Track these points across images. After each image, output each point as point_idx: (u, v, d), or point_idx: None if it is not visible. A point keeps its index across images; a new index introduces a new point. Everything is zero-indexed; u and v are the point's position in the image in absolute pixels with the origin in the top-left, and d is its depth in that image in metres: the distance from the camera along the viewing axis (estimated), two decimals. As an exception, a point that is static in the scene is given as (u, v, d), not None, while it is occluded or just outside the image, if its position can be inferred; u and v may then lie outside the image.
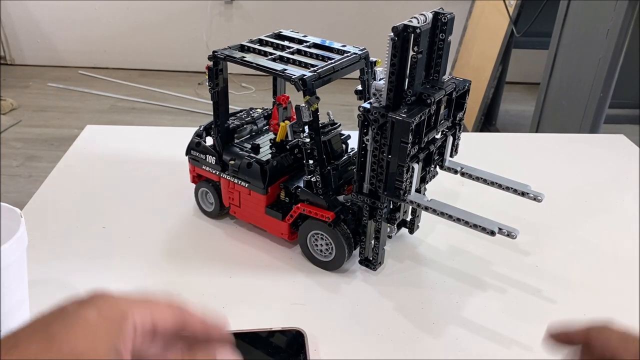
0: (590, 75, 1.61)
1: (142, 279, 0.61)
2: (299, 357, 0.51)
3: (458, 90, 0.57)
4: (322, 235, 0.61)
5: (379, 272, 0.63)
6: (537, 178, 0.84)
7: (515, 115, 2.83)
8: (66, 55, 3.16)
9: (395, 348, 0.53)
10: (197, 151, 0.69)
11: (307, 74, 0.57)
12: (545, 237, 0.71)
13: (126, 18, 3.06)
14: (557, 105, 1.83)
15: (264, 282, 0.62)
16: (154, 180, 0.80)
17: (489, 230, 0.51)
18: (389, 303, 0.59)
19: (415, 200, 0.56)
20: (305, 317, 0.56)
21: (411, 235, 0.70)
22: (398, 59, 0.51)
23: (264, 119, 0.74)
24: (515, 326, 0.56)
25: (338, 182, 0.62)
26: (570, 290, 0.62)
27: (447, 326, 0.56)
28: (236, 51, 0.63)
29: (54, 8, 3.02)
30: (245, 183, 0.65)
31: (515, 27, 2.11)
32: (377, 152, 0.54)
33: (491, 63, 2.29)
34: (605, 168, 0.89)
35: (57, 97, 2.85)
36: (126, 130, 0.97)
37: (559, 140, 1.00)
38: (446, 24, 0.52)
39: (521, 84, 3.13)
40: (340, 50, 0.64)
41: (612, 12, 1.51)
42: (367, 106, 0.53)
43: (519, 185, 0.59)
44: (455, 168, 0.62)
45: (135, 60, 3.17)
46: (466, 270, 0.65)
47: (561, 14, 1.75)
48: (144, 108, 2.78)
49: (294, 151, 0.66)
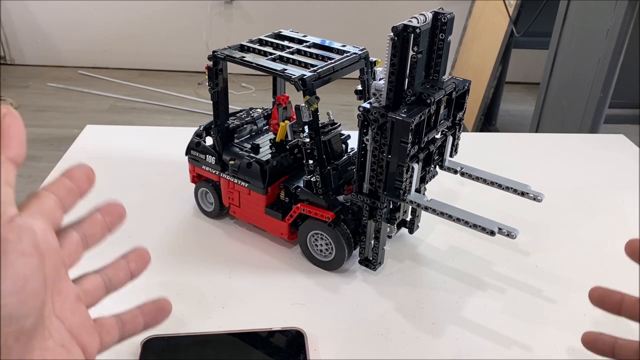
0: (590, 75, 1.61)
1: (142, 279, 0.61)
2: (299, 357, 0.51)
3: (458, 90, 0.57)
4: (322, 235, 0.61)
5: (379, 272, 0.63)
6: (537, 178, 0.84)
7: (515, 115, 2.83)
8: (66, 55, 3.16)
9: (395, 348, 0.53)
10: (197, 151, 0.69)
11: (307, 74, 0.57)
12: (545, 237, 0.71)
13: (126, 18, 3.07)
14: (557, 105, 1.83)
15: (264, 282, 0.62)
16: (153, 180, 0.80)
17: (489, 230, 0.51)
18: (389, 303, 0.59)
19: (415, 200, 0.56)
20: (305, 317, 0.56)
21: (411, 235, 0.70)
22: (398, 59, 0.51)
23: (263, 119, 0.74)
24: (515, 326, 0.57)
25: (338, 182, 0.62)
26: (570, 290, 0.62)
27: (447, 326, 0.56)
28: (236, 51, 0.63)
29: (54, 8, 3.02)
30: (245, 183, 0.65)
31: (515, 27, 2.11)
32: (377, 152, 0.54)
33: (491, 63, 2.29)
34: (605, 168, 0.89)
35: (57, 97, 2.85)
36: (126, 130, 0.97)
37: (559, 140, 1.00)
38: (446, 24, 0.52)
39: (521, 84, 3.13)
40: (340, 50, 0.64)
41: (612, 12, 1.51)
42: (367, 106, 0.53)
43: (518, 185, 0.59)
44: (455, 168, 0.62)
45: (135, 60, 3.18)
46: (466, 270, 0.65)
47: (561, 14, 1.75)
48: (143, 108, 2.78)
49: (293, 151, 0.66)
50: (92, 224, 0.35)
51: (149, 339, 0.51)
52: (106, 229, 0.35)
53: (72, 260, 0.32)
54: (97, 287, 0.35)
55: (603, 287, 0.42)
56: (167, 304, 0.39)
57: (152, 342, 0.51)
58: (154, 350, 0.50)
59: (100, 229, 0.35)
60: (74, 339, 0.31)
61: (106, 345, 0.35)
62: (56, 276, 0.30)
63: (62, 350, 0.30)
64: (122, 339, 0.36)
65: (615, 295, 0.42)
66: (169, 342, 0.51)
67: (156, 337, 0.51)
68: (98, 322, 0.34)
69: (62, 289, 0.31)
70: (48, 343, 0.29)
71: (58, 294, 0.30)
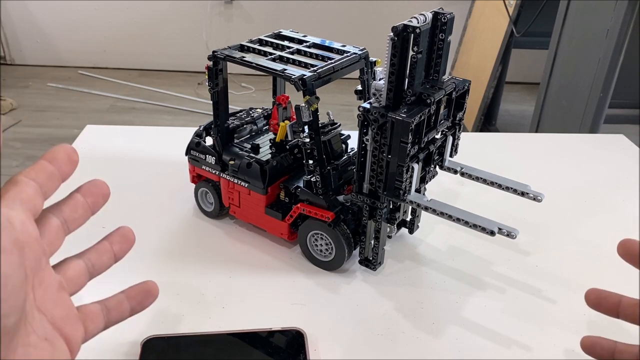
0: (590, 75, 1.61)
1: (142, 279, 0.61)
2: (298, 357, 0.51)
3: (458, 90, 0.57)
4: (322, 235, 0.61)
5: (378, 272, 0.63)
6: (537, 178, 0.84)
7: (515, 115, 2.83)
8: (66, 55, 3.16)
9: (395, 348, 0.53)
10: (196, 151, 0.69)
11: (307, 74, 0.57)
12: (545, 237, 0.71)
13: (126, 18, 3.07)
14: (557, 105, 1.83)
15: (264, 282, 0.62)
16: (153, 180, 0.80)
17: (489, 230, 0.51)
18: (389, 303, 0.59)
19: (415, 200, 0.56)
20: (305, 317, 0.56)
21: (411, 235, 0.70)
22: (398, 59, 0.51)
23: (263, 119, 0.74)
24: (515, 326, 0.57)
25: (338, 182, 0.62)
26: (570, 290, 0.62)
27: (447, 326, 0.56)
28: (236, 51, 0.63)
29: (54, 8, 3.02)
30: (245, 183, 0.65)
31: (515, 27, 2.11)
32: (377, 152, 0.54)
33: (491, 63, 2.29)
34: (605, 168, 0.89)
35: (57, 97, 2.85)
36: (126, 130, 0.97)
37: (559, 140, 1.00)
38: (446, 24, 0.52)
39: (521, 84, 3.13)
40: (340, 50, 0.64)
41: (612, 12, 1.51)
42: (366, 106, 0.53)
43: (518, 185, 0.59)
44: (455, 168, 0.62)
45: (135, 60, 3.18)
46: (466, 270, 0.65)
47: (561, 14, 1.75)
48: (143, 108, 2.78)
49: (293, 151, 0.66)
50: (73, 207, 0.33)
51: (149, 339, 0.51)
52: (88, 210, 0.33)
53: (52, 248, 0.31)
54: (80, 274, 0.33)
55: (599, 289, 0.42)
56: (153, 286, 0.37)
57: (152, 342, 0.51)
58: (154, 350, 0.50)
59: (82, 212, 0.33)
60: (58, 331, 0.30)
61: (91, 334, 0.33)
62: (37, 267, 0.29)
63: (45, 344, 0.29)
64: (107, 326, 0.35)
65: (612, 297, 0.41)
66: (169, 342, 0.51)
67: (156, 337, 0.51)
68: (82, 311, 0.33)
69: (43, 279, 0.29)
70: (31, 338, 0.28)
71: (39, 285, 0.29)
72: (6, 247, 0.25)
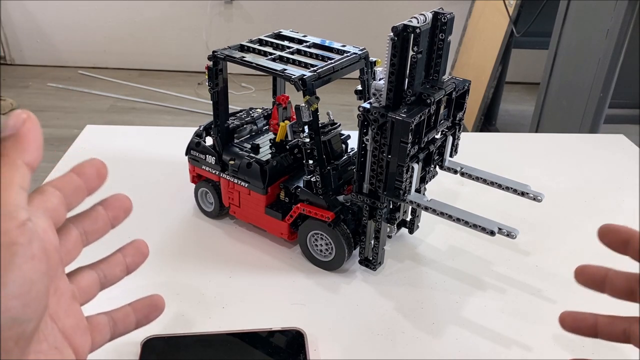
0: (590, 75, 1.61)
1: (141, 279, 0.61)
2: (298, 357, 0.51)
3: (458, 90, 0.57)
4: (322, 235, 0.61)
5: (378, 272, 0.63)
6: (537, 178, 0.84)
7: (515, 115, 2.83)
8: (66, 55, 3.16)
9: (395, 348, 0.53)
10: (196, 151, 0.69)
11: (307, 74, 0.57)
12: (545, 237, 0.71)
13: (126, 18, 3.07)
14: (557, 105, 1.83)
15: (264, 282, 0.62)
16: (153, 180, 0.80)
17: (489, 230, 0.51)
18: (389, 303, 0.59)
19: (415, 200, 0.56)
20: (305, 317, 0.56)
21: (411, 235, 0.70)
22: (398, 59, 0.51)
23: (263, 119, 0.74)
24: (515, 326, 0.57)
25: (338, 182, 0.62)
26: (570, 290, 0.62)
27: (447, 326, 0.56)
28: (236, 51, 0.63)
29: (53, 8, 3.02)
30: (245, 183, 0.65)
31: (515, 27, 2.11)
32: (377, 152, 0.54)
33: (491, 63, 2.29)
34: (605, 168, 0.89)
35: (57, 97, 2.85)
36: (126, 130, 0.97)
37: (559, 140, 1.00)
38: (446, 24, 0.52)
39: (521, 84, 3.13)
40: (340, 50, 0.64)
41: (612, 12, 1.51)
42: (366, 106, 0.53)
43: (518, 185, 0.59)
44: (455, 168, 0.62)
45: (135, 60, 3.18)
46: (466, 270, 0.64)
47: (561, 14, 1.75)
48: (143, 108, 2.78)
49: (293, 151, 0.66)
50: (94, 219, 0.33)
51: (149, 339, 0.51)
52: (109, 224, 0.34)
53: (69, 258, 0.31)
54: (92, 284, 0.34)
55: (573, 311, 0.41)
56: (160, 300, 0.38)
57: (152, 342, 0.51)
58: (154, 350, 0.50)
59: (102, 225, 0.34)
60: (67, 340, 0.30)
61: (97, 345, 0.34)
62: (54, 275, 0.29)
63: (55, 353, 0.29)
64: (112, 338, 0.35)
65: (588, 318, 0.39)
66: (169, 342, 0.51)
67: (156, 337, 0.51)
68: (90, 321, 0.33)
69: (57, 288, 0.30)
70: (42, 346, 0.28)
71: (54, 293, 0.30)
72: (36, 255, 0.26)
